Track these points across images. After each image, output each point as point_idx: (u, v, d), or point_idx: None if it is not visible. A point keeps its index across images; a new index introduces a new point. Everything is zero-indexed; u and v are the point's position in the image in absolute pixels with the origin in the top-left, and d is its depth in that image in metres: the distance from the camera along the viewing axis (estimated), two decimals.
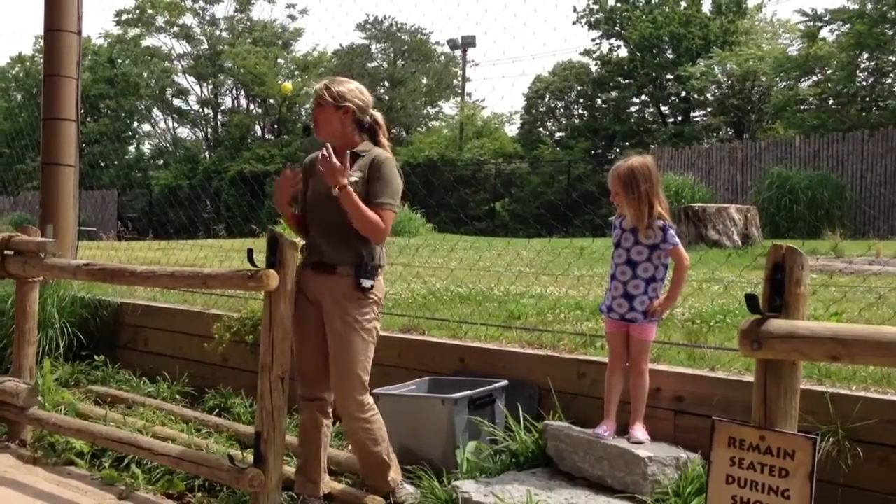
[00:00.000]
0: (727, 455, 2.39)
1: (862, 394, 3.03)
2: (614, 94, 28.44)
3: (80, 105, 6.51)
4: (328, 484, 3.47)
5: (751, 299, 2.35)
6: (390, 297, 5.37)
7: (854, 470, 2.91)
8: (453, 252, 7.53)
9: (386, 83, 33.85)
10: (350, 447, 3.61)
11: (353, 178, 3.16)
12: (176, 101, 37.98)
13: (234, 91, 37.67)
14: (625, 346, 3.32)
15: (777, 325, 2.30)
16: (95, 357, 5.64)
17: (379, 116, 3.40)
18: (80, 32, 6.44)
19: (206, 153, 36.48)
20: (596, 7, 28.47)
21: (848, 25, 20.01)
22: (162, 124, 38.97)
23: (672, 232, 3.24)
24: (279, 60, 36.57)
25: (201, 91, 37.76)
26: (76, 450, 4.14)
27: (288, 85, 25.53)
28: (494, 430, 3.57)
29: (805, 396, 2.57)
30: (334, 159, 3.09)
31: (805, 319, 2.35)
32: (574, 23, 28.50)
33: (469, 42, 31.46)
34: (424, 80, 34.34)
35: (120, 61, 36.17)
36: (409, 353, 4.33)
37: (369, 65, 33.29)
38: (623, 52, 28.31)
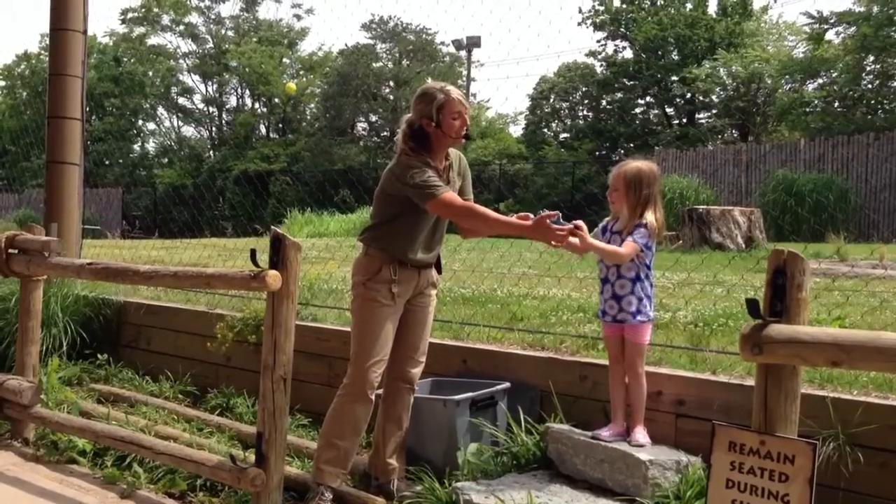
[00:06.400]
0: (727, 459, 2.39)
1: (863, 399, 3.03)
2: (619, 95, 28.42)
3: (85, 103, 6.52)
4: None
5: (752, 304, 2.34)
6: None
7: (855, 475, 2.91)
8: (456, 253, 7.51)
9: (391, 83, 33.84)
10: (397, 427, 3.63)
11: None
12: (181, 100, 38.13)
13: (239, 90, 37.78)
14: (622, 350, 3.33)
15: (778, 330, 2.30)
16: (98, 355, 5.66)
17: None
18: (85, 31, 6.46)
19: (211, 152, 36.56)
20: (601, 8, 28.46)
21: (854, 28, 19.96)
22: (167, 123, 39.13)
23: (643, 231, 3.26)
24: (284, 60, 36.64)
25: (206, 90, 37.91)
26: (78, 448, 4.15)
27: (292, 84, 25.58)
28: (496, 431, 3.58)
29: (806, 401, 2.57)
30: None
31: (806, 324, 2.35)
32: (579, 24, 28.53)
33: (474, 42, 31.42)
34: (429, 81, 34.25)
35: (125, 60, 36.26)
36: None
37: (374, 65, 33.27)
38: (628, 54, 28.31)
